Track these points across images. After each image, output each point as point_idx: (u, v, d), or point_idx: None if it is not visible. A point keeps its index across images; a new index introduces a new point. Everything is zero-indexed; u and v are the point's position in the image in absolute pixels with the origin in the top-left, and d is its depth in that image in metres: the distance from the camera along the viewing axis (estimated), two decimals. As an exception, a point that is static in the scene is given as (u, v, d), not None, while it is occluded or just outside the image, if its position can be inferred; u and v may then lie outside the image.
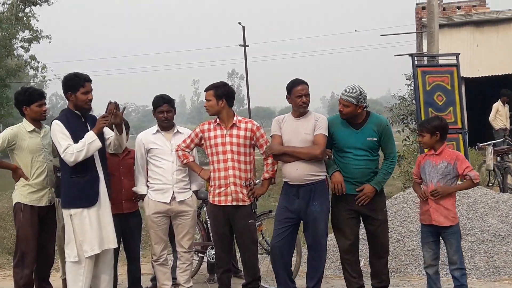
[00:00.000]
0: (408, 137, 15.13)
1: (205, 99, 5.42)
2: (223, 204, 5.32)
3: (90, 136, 5.06)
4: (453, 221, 5.00)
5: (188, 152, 5.56)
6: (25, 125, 5.51)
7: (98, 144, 5.08)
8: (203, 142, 5.48)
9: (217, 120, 5.41)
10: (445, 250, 5.18)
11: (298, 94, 5.20)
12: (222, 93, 5.33)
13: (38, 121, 5.56)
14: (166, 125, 5.70)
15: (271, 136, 5.38)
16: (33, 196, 5.43)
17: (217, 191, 5.35)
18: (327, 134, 5.21)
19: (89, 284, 5.20)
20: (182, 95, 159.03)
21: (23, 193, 5.43)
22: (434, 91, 8.62)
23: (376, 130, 5.17)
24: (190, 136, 5.59)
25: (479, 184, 8.18)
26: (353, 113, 5.15)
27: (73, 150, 4.99)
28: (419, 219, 5.18)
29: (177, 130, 5.76)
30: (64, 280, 5.91)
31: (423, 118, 8.52)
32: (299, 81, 5.27)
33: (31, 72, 34.52)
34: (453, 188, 5.02)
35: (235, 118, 5.37)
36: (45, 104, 5.56)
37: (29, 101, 5.48)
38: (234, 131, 5.33)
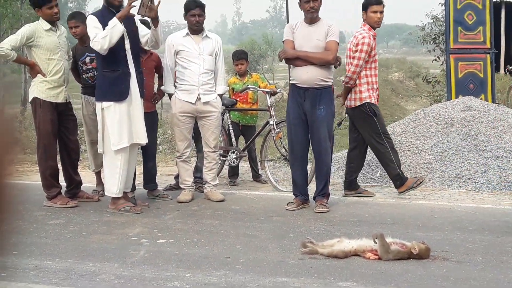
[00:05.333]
0: (438, 57, 14.94)
1: None
2: None
3: (113, 21, 5.17)
4: None
5: None
6: (42, 24, 5.63)
7: (120, 28, 5.17)
8: None
9: None
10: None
11: None
12: None
13: (53, 22, 5.66)
14: (197, 29, 5.87)
15: (283, 42, 5.56)
16: (51, 93, 5.63)
17: None
18: (339, 41, 5.42)
19: (125, 177, 5.43)
20: (224, 15, 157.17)
21: (41, 89, 5.62)
22: (465, 9, 8.54)
23: None
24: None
25: (499, 103, 8.24)
26: None
27: (98, 38, 5.16)
28: None
29: (206, 35, 5.95)
30: (97, 174, 6.28)
31: (451, 37, 8.53)
32: None
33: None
34: None
35: None
36: (56, 5, 5.61)
37: (39, 3, 5.56)
38: None
